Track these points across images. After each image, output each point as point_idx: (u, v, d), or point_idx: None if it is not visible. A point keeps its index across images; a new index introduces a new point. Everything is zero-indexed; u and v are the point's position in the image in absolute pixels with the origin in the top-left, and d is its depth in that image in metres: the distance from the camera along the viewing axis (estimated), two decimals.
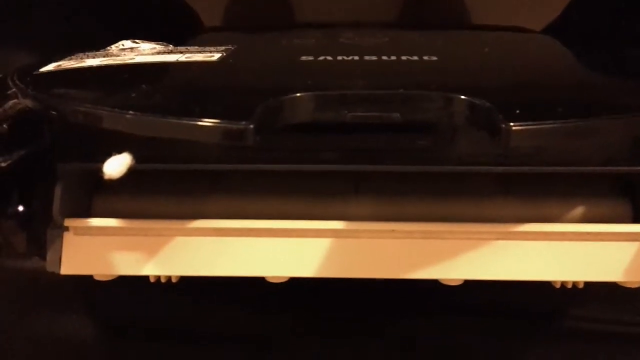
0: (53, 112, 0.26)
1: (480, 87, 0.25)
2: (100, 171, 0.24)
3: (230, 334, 0.41)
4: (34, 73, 0.30)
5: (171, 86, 0.27)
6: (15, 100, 0.28)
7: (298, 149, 0.27)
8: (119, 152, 0.25)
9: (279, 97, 0.24)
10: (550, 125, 0.22)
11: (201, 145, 0.27)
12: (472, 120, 0.24)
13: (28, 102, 0.27)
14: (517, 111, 0.23)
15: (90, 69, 0.30)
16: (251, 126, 0.22)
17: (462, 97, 0.24)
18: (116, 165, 0.23)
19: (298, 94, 0.24)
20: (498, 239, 0.28)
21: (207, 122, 0.22)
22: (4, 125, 0.26)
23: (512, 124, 0.22)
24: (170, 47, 0.34)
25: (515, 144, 0.22)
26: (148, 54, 0.32)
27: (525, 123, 0.22)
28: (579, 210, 0.30)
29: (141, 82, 0.26)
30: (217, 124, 0.22)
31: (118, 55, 0.32)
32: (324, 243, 0.28)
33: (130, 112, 0.23)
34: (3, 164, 0.26)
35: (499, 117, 0.22)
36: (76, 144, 0.28)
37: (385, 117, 0.24)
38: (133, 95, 0.25)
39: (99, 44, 0.38)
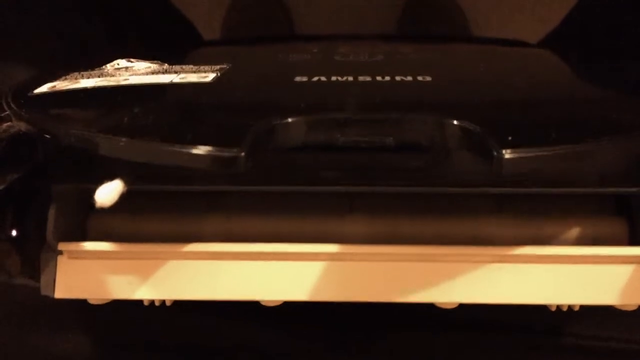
0: (47, 135, 0.26)
1: (473, 110, 0.25)
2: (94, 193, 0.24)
3: (224, 349, 0.41)
4: (28, 95, 0.30)
5: (163, 110, 0.26)
6: (9, 124, 0.28)
7: (290, 171, 0.27)
8: (114, 173, 0.25)
9: (271, 122, 0.24)
10: (544, 152, 0.22)
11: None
12: (464, 145, 0.24)
13: (22, 125, 0.27)
14: (510, 137, 0.23)
15: (85, 90, 0.30)
16: (242, 154, 0.22)
17: (455, 122, 0.24)
18: (107, 193, 0.23)
19: (290, 119, 0.24)
20: (494, 261, 0.28)
21: (198, 149, 0.22)
22: None
23: (504, 151, 0.22)
24: (165, 65, 0.34)
25: (508, 171, 0.22)
26: (142, 74, 0.32)
27: (518, 150, 0.22)
28: (574, 230, 0.30)
29: (133, 106, 0.26)
30: (209, 151, 0.22)
31: (113, 75, 0.32)
32: (319, 266, 0.28)
33: (122, 138, 0.23)
34: None
35: (491, 143, 0.22)
36: (70, 166, 0.28)
37: (378, 141, 0.24)
38: (125, 119, 0.25)
39: (97, 56, 0.38)
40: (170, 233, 0.30)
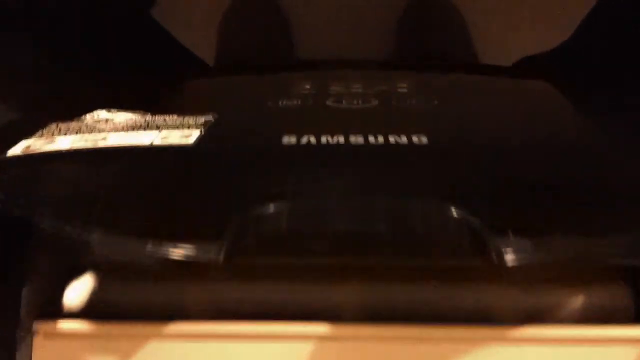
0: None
1: (472, 196, 0.23)
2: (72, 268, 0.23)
3: None
4: (2, 158, 0.28)
5: (138, 198, 0.24)
6: None
7: (273, 252, 0.25)
8: (90, 251, 0.23)
9: (253, 211, 0.22)
10: (549, 248, 0.20)
11: None
12: (462, 237, 0.22)
13: None
14: (512, 232, 0.21)
15: (60, 156, 0.28)
16: (221, 256, 0.20)
17: (453, 213, 0.22)
18: (76, 296, 0.22)
19: (271, 208, 0.22)
20: (495, 343, 0.26)
21: (176, 247, 0.21)
22: None
23: (504, 250, 0.20)
24: (147, 116, 0.32)
25: (508, 266, 0.20)
26: (122, 129, 0.30)
27: (518, 249, 0.20)
28: (579, 299, 0.29)
29: (109, 188, 0.24)
30: (186, 250, 0.21)
31: (91, 131, 0.30)
32: (309, 347, 0.26)
33: (94, 235, 0.21)
34: None
35: (491, 240, 0.21)
36: (45, 243, 0.26)
37: (369, 230, 0.23)
38: (98, 210, 0.23)
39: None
40: (152, 305, 0.28)
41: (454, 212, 0.22)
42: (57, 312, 0.28)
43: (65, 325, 0.26)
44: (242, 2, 0.66)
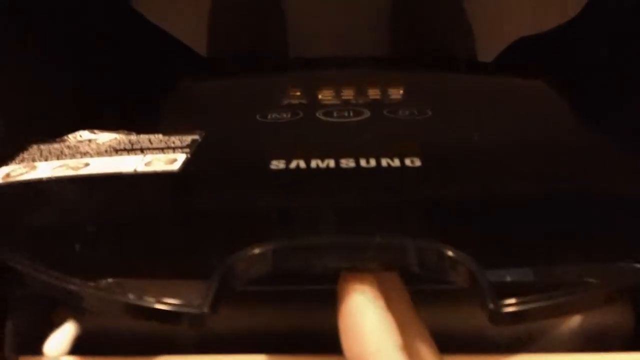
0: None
1: (466, 236, 0.22)
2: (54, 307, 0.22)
3: None
4: None
5: (119, 239, 0.23)
6: None
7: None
8: (68, 301, 0.22)
9: (236, 256, 0.21)
10: (545, 306, 0.19)
11: None
12: (457, 279, 0.21)
13: None
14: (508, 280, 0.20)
15: (39, 186, 0.27)
16: (205, 310, 0.19)
17: (448, 255, 0.21)
18: (58, 344, 0.21)
19: (256, 251, 0.21)
20: None
21: (152, 303, 0.20)
22: None
23: (502, 311, 0.19)
24: (132, 136, 0.31)
25: (504, 325, 0.19)
26: (105, 153, 0.29)
27: (516, 307, 0.19)
28: (576, 318, 0.28)
29: (86, 228, 0.23)
30: (165, 307, 0.20)
31: (74, 155, 0.29)
32: None
33: (74, 286, 0.21)
34: None
35: (486, 292, 0.20)
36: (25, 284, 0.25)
37: (360, 266, 0.22)
38: (78, 256, 0.22)
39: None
40: (140, 333, 0.27)
41: (449, 251, 0.21)
42: (40, 347, 0.27)
43: None
44: None
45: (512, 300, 0.19)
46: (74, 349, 0.26)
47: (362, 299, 0.21)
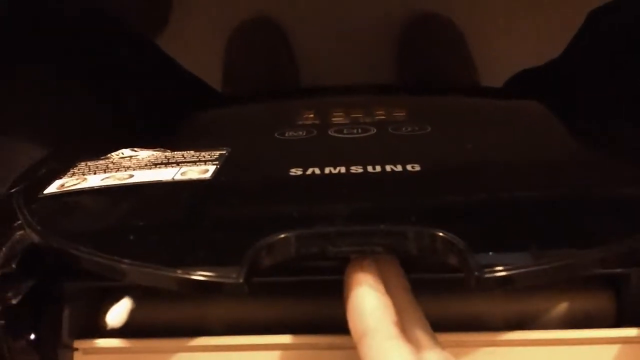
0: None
1: (456, 221, 0.26)
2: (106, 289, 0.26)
3: None
4: (39, 197, 0.32)
5: (162, 231, 0.28)
6: (21, 232, 0.29)
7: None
8: (120, 278, 0.27)
9: (265, 240, 0.25)
10: (525, 271, 0.23)
11: None
12: (447, 258, 0.25)
13: (35, 238, 0.29)
14: (493, 255, 0.24)
15: (92, 193, 0.31)
16: (241, 281, 0.24)
17: (441, 238, 0.25)
18: (117, 315, 0.25)
19: (282, 236, 0.25)
20: (484, 346, 0.29)
21: (197, 276, 0.24)
22: (13, 265, 0.28)
23: (486, 276, 0.23)
24: (167, 152, 0.36)
25: (487, 289, 0.23)
26: (146, 167, 0.34)
27: (499, 271, 0.23)
28: (563, 305, 0.32)
29: (136, 223, 0.28)
30: (207, 279, 0.24)
31: (118, 169, 0.34)
32: (328, 356, 0.29)
33: (125, 265, 0.25)
34: (14, 301, 0.28)
35: (472, 264, 0.24)
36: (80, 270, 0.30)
37: (368, 250, 0.26)
38: (128, 241, 0.26)
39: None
40: (178, 322, 0.31)
41: (441, 234, 0.25)
42: (94, 330, 0.31)
43: (102, 342, 0.30)
44: (247, 29, 0.70)
45: (497, 268, 0.23)
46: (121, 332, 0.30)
47: (364, 285, 0.26)
